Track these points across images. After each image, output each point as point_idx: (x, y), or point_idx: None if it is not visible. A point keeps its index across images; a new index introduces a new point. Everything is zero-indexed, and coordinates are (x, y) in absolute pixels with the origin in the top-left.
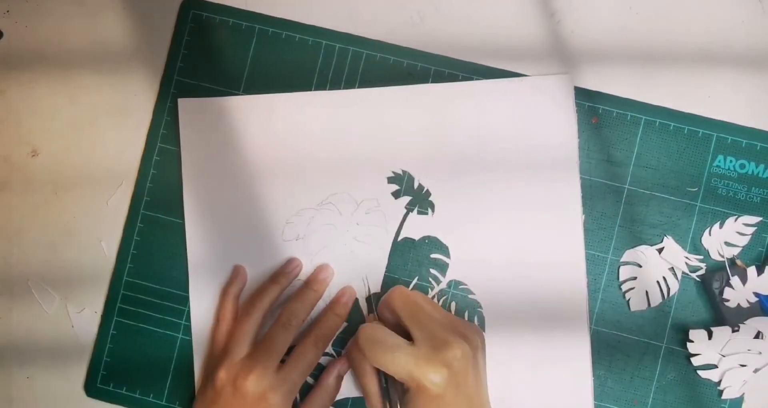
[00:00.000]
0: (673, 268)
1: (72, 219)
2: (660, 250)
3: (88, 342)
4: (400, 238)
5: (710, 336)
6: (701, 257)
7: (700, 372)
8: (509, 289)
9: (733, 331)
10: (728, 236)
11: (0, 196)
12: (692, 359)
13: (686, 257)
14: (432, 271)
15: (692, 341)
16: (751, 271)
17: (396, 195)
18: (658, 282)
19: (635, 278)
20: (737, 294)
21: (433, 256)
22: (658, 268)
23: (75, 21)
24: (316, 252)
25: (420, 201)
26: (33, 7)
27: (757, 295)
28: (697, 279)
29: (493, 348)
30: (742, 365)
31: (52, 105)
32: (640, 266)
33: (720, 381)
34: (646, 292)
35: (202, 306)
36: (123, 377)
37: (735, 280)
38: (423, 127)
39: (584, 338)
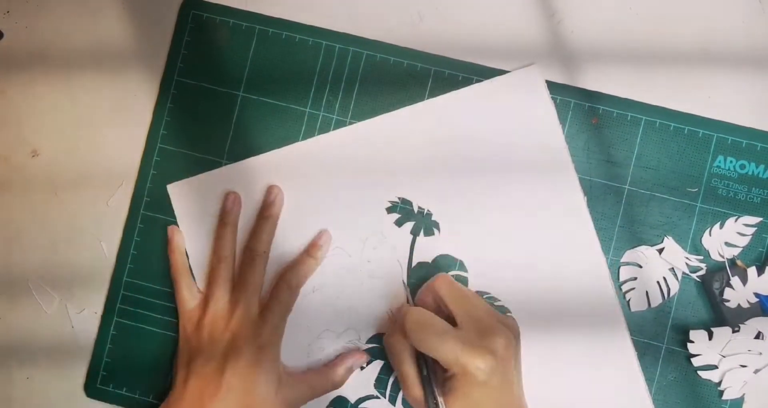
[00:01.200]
0: (673, 268)
1: (72, 219)
2: (660, 251)
3: (88, 342)
4: (414, 265)
5: (710, 337)
6: (701, 257)
7: (700, 373)
8: (532, 290)
9: (734, 332)
10: (728, 237)
11: (0, 196)
12: (693, 360)
13: (686, 258)
14: None
15: (693, 342)
16: (752, 271)
17: (399, 223)
18: (658, 282)
19: (635, 279)
20: (737, 294)
21: (451, 273)
22: (658, 268)
23: (75, 21)
24: (337, 297)
25: (424, 223)
26: (33, 7)
27: (757, 295)
28: (698, 279)
29: (525, 351)
30: (743, 366)
31: (52, 105)
32: (641, 267)
33: (720, 381)
34: (647, 292)
35: None
36: (123, 378)
37: (735, 281)
38: (410, 149)
39: (623, 332)
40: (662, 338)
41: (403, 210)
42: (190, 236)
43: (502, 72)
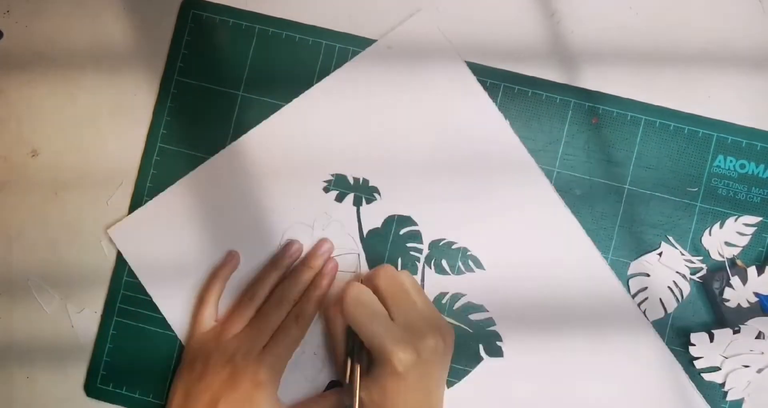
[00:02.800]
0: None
1: (72, 219)
2: (659, 256)
3: (88, 342)
4: (366, 234)
5: (711, 339)
6: (701, 258)
7: (703, 374)
8: (481, 236)
9: (734, 333)
10: (728, 236)
11: (0, 196)
12: (695, 362)
13: (685, 260)
14: (408, 244)
15: (694, 345)
16: (752, 271)
17: (339, 199)
18: (669, 287)
19: (646, 288)
20: (737, 294)
21: (402, 232)
22: (666, 273)
23: (75, 21)
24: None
25: (363, 191)
26: (33, 7)
27: (757, 295)
28: (698, 280)
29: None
30: (746, 366)
31: (52, 105)
32: (648, 275)
33: (724, 383)
34: (660, 299)
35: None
36: (123, 377)
37: (735, 280)
38: (331, 127)
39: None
40: (662, 338)
41: (339, 185)
42: (144, 272)
43: (501, 71)
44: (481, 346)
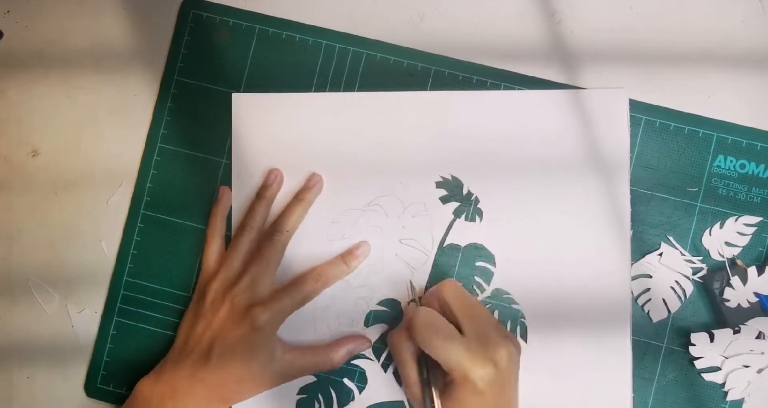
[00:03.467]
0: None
1: (72, 219)
2: (660, 256)
3: (88, 342)
4: (445, 244)
5: (712, 339)
6: (701, 258)
7: (703, 375)
8: (553, 301)
9: (735, 333)
10: (728, 236)
11: (0, 196)
12: (695, 362)
13: (685, 260)
14: (477, 278)
15: (694, 345)
16: (752, 271)
17: (444, 200)
18: (672, 287)
19: (648, 290)
20: (737, 294)
21: (478, 264)
22: (668, 273)
23: (75, 21)
24: None
25: (468, 208)
26: (33, 7)
27: (757, 295)
28: (698, 280)
29: (532, 357)
30: (746, 366)
31: (52, 105)
32: (650, 277)
33: (724, 383)
34: (663, 300)
35: None
36: (123, 377)
37: (735, 280)
38: (477, 133)
39: (626, 348)
40: (662, 338)
41: (451, 188)
42: (239, 152)
43: (501, 71)
44: None
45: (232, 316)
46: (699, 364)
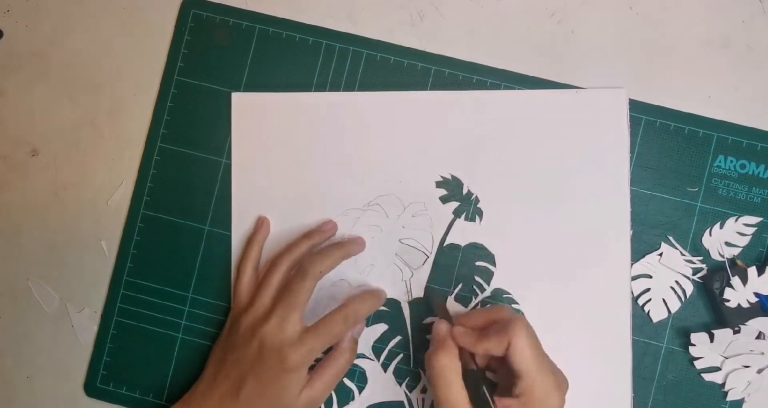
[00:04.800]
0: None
1: (72, 219)
2: (660, 256)
3: (88, 342)
4: (445, 244)
5: (712, 339)
6: (701, 258)
7: (703, 375)
8: (553, 301)
9: (735, 333)
10: (729, 236)
11: (0, 196)
12: (695, 362)
13: (685, 260)
14: (477, 278)
15: (694, 345)
16: (752, 271)
17: (444, 200)
18: (672, 288)
19: (648, 290)
20: (738, 294)
21: (478, 263)
22: (668, 274)
23: (75, 21)
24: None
25: (468, 207)
26: (33, 7)
27: (757, 295)
28: (698, 280)
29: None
30: (746, 366)
31: (52, 105)
32: (650, 277)
33: (724, 383)
34: (663, 300)
35: None
36: (123, 377)
37: (735, 281)
38: (476, 133)
39: (626, 349)
40: (662, 338)
41: (451, 188)
42: (239, 151)
43: (501, 71)
44: None
45: (262, 354)
46: (699, 364)
